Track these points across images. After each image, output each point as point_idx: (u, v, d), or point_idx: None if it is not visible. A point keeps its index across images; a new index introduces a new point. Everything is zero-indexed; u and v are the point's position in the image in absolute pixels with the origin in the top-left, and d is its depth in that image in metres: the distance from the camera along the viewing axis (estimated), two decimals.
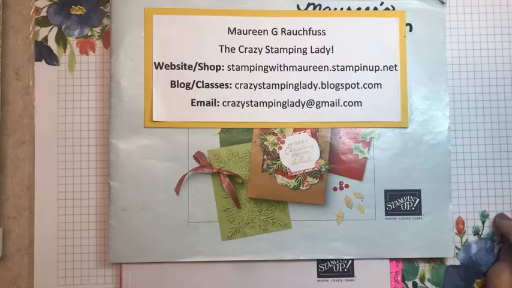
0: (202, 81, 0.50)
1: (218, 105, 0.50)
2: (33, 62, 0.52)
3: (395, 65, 0.51)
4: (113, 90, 0.50)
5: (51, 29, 0.52)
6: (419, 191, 0.50)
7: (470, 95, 0.53)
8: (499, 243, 0.52)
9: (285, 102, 0.50)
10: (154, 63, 0.50)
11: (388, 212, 0.50)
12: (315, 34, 0.51)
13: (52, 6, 0.52)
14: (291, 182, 0.50)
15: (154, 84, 0.50)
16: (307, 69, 0.51)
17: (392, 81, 0.51)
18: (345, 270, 0.51)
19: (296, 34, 0.51)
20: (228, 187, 0.49)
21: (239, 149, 0.50)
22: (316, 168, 0.50)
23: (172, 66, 0.50)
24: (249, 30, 0.51)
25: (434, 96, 0.51)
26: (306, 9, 0.51)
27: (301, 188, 0.50)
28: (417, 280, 0.51)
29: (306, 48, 0.51)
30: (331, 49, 0.51)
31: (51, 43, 0.52)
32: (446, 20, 0.52)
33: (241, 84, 0.50)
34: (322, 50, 0.51)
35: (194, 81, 0.50)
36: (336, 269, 0.51)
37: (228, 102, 0.50)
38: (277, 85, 0.50)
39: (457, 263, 0.52)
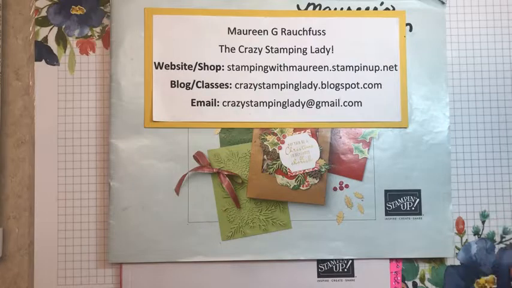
0: (202, 81, 0.50)
1: (218, 105, 0.50)
2: (33, 62, 0.52)
3: (395, 65, 0.51)
4: (113, 90, 0.50)
5: (51, 29, 0.52)
6: (419, 191, 0.50)
7: (470, 95, 0.53)
8: (499, 243, 0.52)
9: (285, 102, 0.50)
10: (154, 63, 0.50)
11: (388, 212, 0.50)
12: (315, 34, 0.51)
13: (52, 6, 0.52)
14: (291, 182, 0.50)
15: (154, 84, 0.50)
16: (307, 69, 0.51)
17: (392, 81, 0.51)
18: (345, 270, 0.51)
19: (296, 34, 0.51)
20: (228, 187, 0.49)
21: (239, 149, 0.50)
22: (316, 168, 0.50)
23: (172, 66, 0.50)
24: (249, 30, 0.51)
25: (434, 96, 0.51)
26: (306, 9, 0.51)
27: (301, 188, 0.50)
28: (417, 280, 0.51)
29: (306, 48, 0.51)
30: (331, 49, 0.51)
31: (51, 43, 0.52)
32: (446, 20, 0.52)
33: (241, 84, 0.50)
34: (322, 50, 0.51)
35: (194, 81, 0.50)
36: (336, 269, 0.51)
37: (228, 102, 0.50)
38: (277, 85, 0.50)
39: (457, 263, 0.52)
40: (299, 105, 0.50)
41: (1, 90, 0.51)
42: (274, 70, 0.51)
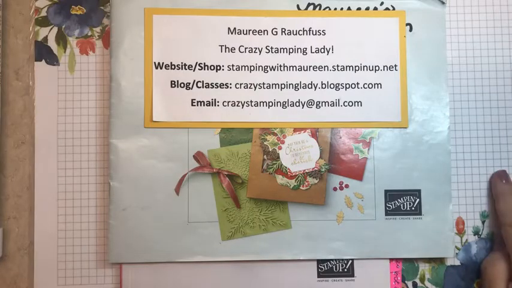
0: (202, 81, 0.50)
1: (218, 105, 0.50)
2: (33, 62, 0.52)
3: (395, 65, 0.51)
4: (113, 90, 0.50)
5: (51, 29, 0.52)
6: (419, 191, 0.50)
7: (470, 95, 0.53)
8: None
9: (285, 102, 0.50)
10: (154, 63, 0.50)
11: (388, 212, 0.50)
12: (315, 34, 0.51)
13: (52, 6, 0.52)
14: (291, 182, 0.50)
15: (154, 84, 0.50)
16: (307, 69, 0.51)
17: (392, 81, 0.51)
18: (345, 270, 0.51)
19: (296, 34, 0.51)
20: (228, 187, 0.49)
21: (239, 149, 0.50)
22: (316, 168, 0.50)
23: (172, 66, 0.50)
24: (249, 30, 0.51)
25: (435, 96, 0.51)
26: (306, 9, 0.51)
27: (301, 188, 0.50)
28: (417, 280, 0.51)
29: (306, 48, 0.51)
30: (331, 49, 0.51)
31: (51, 43, 0.52)
32: (446, 20, 0.52)
33: (241, 84, 0.50)
34: (322, 50, 0.51)
35: (194, 81, 0.50)
36: (336, 269, 0.51)
37: (228, 102, 0.50)
38: (277, 85, 0.50)
39: (457, 263, 0.52)
40: (299, 105, 0.50)
41: (1, 90, 0.51)
42: (274, 70, 0.51)
